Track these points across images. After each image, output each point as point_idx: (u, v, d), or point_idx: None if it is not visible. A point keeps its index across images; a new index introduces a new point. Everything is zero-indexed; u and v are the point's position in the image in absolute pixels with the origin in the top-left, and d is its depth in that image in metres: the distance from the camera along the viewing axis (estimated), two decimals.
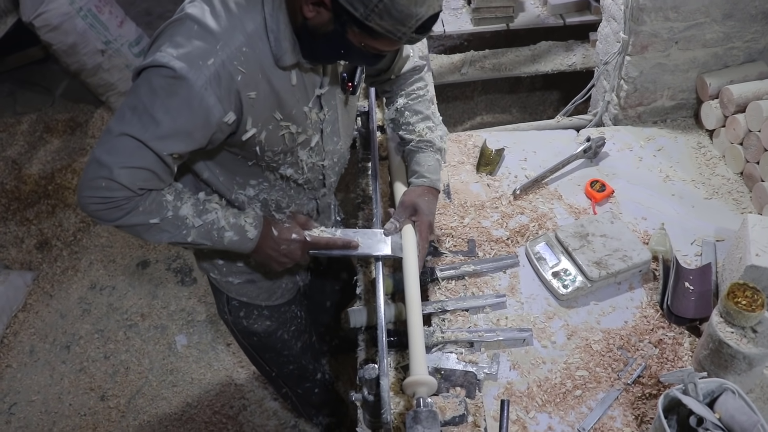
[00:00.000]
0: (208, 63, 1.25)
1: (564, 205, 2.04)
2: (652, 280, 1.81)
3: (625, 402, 1.54)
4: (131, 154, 1.27)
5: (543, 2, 3.24)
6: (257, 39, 1.31)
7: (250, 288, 1.84)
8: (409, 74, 1.79)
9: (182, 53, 1.24)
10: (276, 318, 1.97)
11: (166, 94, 1.24)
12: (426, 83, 1.82)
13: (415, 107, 1.77)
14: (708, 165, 2.19)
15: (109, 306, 3.27)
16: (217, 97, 1.27)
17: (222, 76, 1.26)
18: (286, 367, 2.19)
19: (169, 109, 1.25)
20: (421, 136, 1.75)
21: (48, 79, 4.56)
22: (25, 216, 3.72)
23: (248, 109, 1.34)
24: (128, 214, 1.35)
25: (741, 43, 2.23)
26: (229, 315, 1.92)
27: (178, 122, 1.26)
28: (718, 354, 1.44)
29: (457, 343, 1.63)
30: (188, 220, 1.43)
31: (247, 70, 1.30)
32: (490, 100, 3.87)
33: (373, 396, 1.43)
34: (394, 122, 1.82)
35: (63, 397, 2.92)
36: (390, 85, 1.81)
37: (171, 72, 1.23)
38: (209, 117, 1.28)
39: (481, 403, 1.51)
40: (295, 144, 1.50)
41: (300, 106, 1.45)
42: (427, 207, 1.68)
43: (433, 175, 1.72)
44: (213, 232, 1.47)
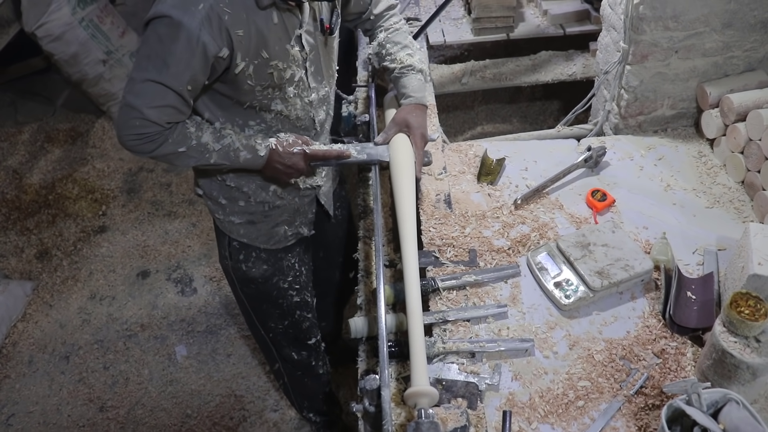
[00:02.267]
0: (199, 7, 1.45)
1: (565, 214, 2.03)
2: (654, 290, 1.80)
3: (627, 413, 1.53)
4: (154, 95, 1.51)
5: (543, 12, 3.25)
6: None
7: (250, 229, 1.95)
8: (385, 12, 2.00)
9: (177, 2, 1.45)
10: (273, 263, 2.05)
11: (170, 40, 1.46)
12: (399, 17, 2.05)
13: (394, 39, 1.99)
14: (709, 174, 2.19)
15: (108, 316, 3.26)
16: (211, 36, 1.47)
17: (212, 17, 1.47)
18: (281, 322, 2.22)
19: (175, 52, 1.47)
20: (403, 63, 1.95)
21: (49, 89, 4.57)
22: (26, 225, 3.72)
23: (238, 46, 1.53)
24: (160, 146, 1.60)
25: (741, 52, 2.23)
26: (229, 259, 2.02)
27: (183, 61, 1.48)
28: (722, 364, 1.43)
29: (459, 354, 1.62)
30: (209, 145, 1.66)
31: (232, 11, 1.49)
32: (490, 110, 3.87)
33: (374, 407, 1.42)
34: (378, 55, 2.02)
35: (62, 408, 2.90)
36: (370, 24, 2.02)
37: (170, 20, 1.45)
38: (207, 53, 1.49)
39: (482, 414, 1.50)
40: (282, 80, 1.66)
41: (282, 43, 1.62)
42: (417, 121, 1.88)
43: (418, 93, 1.93)
44: (230, 152, 1.68)
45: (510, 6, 3.06)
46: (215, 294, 3.32)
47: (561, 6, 3.22)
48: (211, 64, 1.53)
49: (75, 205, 3.83)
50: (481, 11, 3.07)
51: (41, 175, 4.04)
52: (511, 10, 3.09)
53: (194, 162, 1.68)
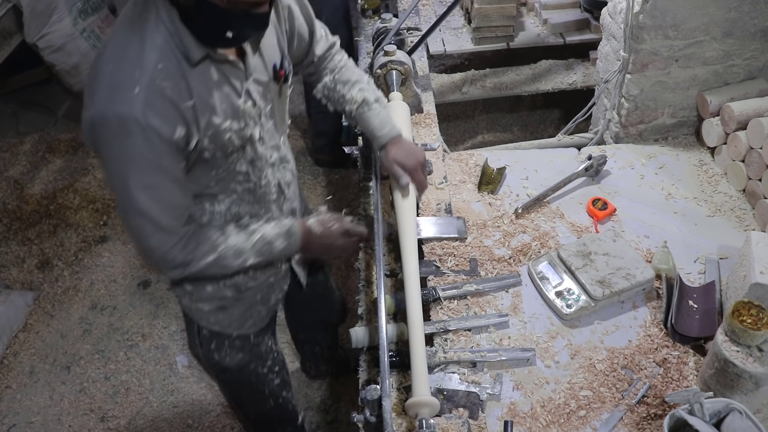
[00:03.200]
0: (135, 92, 1.27)
1: (566, 223, 2.03)
2: (655, 299, 1.80)
3: (629, 422, 1.52)
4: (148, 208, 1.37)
5: (543, 21, 3.26)
6: (168, 50, 1.31)
7: (221, 315, 1.78)
8: (326, 53, 1.83)
9: (111, 96, 1.28)
10: (248, 350, 1.89)
11: (124, 138, 1.29)
12: (342, 54, 1.87)
13: (341, 78, 1.82)
14: (710, 182, 2.18)
15: (109, 326, 3.26)
16: (161, 117, 1.30)
17: (152, 97, 1.28)
18: (263, 406, 2.08)
19: (134, 152, 1.30)
20: (357, 101, 1.79)
21: (51, 100, 4.58)
22: (27, 236, 3.72)
23: (190, 119, 1.36)
24: (192, 263, 1.49)
25: (741, 61, 2.24)
26: (200, 347, 1.86)
27: (147, 157, 1.31)
28: (724, 373, 1.43)
29: (460, 363, 1.61)
30: (240, 246, 1.54)
31: (170, 83, 1.31)
32: (491, 119, 3.88)
33: (375, 417, 1.42)
34: (329, 99, 1.86)
35: (63, 419, 2.89)
36: (314, 68, 1.84)
37: (113, 120, 1.27)
38: (163, 138, 1.31)
39: (484, 424, 1.50)
40: (243, 141, 1.50)
41: (231, 100, 1.44)
42: (405, 157, 1.75)
43: (384, 129, 1.78)
44: (265, 248, 1.59)
45: (510, 15, 3.07)
46: None
47: (561, 15, 3.23)
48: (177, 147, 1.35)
49: (76, 215, 3.83)
50: (481, 21, 3.08)
51: (42, 185, 4.04)
52: (511, 20, 3.10)
53: (230, 268, 1.56)
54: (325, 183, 3.86)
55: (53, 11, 3.71)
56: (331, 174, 3.90)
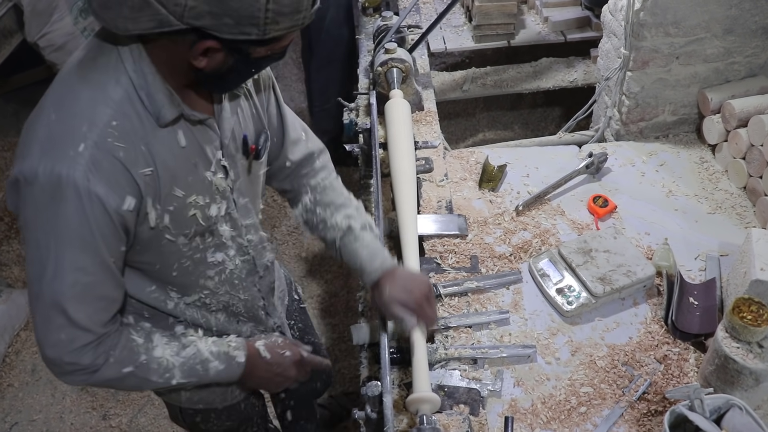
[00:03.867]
0: (79, 150, 1.06)
1: (567, 220, 2.03)
2: (656, 296, 1.80)
3: (630, 419, 1.52)
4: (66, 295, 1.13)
5: (544, 19, 3.26)
6: (128, 105, 1.11)
7: (204, 393, 1.57)
8: (305, 162, 1.57)
9: (48, 151, 1.07)
10: (236, 416, 1.72)
11: (54, 205, 1.07)
12: (329, 168, 1.62)
13: (323, 200, 1.56)
14: (711, 180, 2.19)
15: None
16: (107, 184, 1.09)
17: (100, 158, 1.08)
18: None
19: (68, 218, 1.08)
20: (342, 229, 1.53)
21: None
22: None
23: (146, 189, 1.14)
24: (101, 369, 1.22)
25: (742, 58, 2.24)
26: (185, 422, 1.69)
27: (79, 232, 1.10)
28: (724, 370, 1.43)
29: (461, 360, 1.62)
30: (165, 360, 1.30)
31: (126, 144, 1.10)
32: (492, 117, 3.88)
33: (376, 414, 1.42)
34: (308, 224, 1.60)
35: (64, 417, 2.89)
36: (290, 181, 1.58)
37: (44, 179, 1.06)
38: (108, 207, 1.10)
39: (485, 421, 1.50)
40: (209, 221, 1.29)
41: (199, 172, 1.23)
42: (406, 293, 1.44)
43: (375, 262, 1.49)
44: (197, 366, 1.35)
45: (511, 13, 3.07)
46: None
47: (562, 13, 3.23)
48: (121, 222, 1.13)
49: None
50: (482, 18, 3.08)
51: None
52: (511, 17, 3.10)
53: (149, 385, 1.30)
54: None
55: (54, 10, 3.70)
56: None
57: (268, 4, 1.02)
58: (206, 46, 1.06)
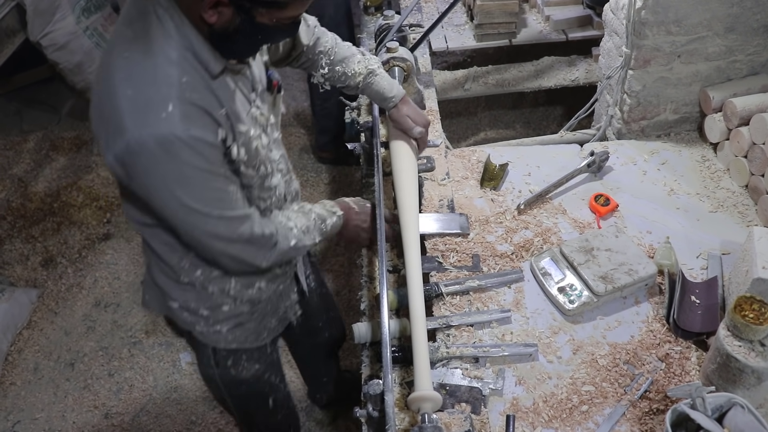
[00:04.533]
0: (169, 109, 1.21)
1: (568, 219, 2.03)
2: (657, 294, 1.80)
3: (632, 417, 1.53)
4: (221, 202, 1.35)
5: (545, 18, 3.26)
6: (185, 63, 1.26)
7: (239, 332, 1.75)
8: (313, 38, 1.79)
9: (143, 120, 1.20)
10: (264, 359, 1.90)
11: (170, 166, 1.24)
12: (325, 32, 1.83)
13: (337, 58, 1.82)
14: (712, 178, 2.18)
15: (113, 323, 3.27)
16: (201, 127, 1.25)
17: (187, 110, 1.23)
18: (275, 416, 2.09)
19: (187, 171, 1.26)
20: (363, 74, 1.82)
21: (54, 98, 4.59)
22: (31, 233, 3.73)
23: (226, 126, 1.33)
24: (279, 254, 1.53)
25: (743, 57, 2.23)
26: (216, 368, 1.83)
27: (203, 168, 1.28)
28: (726, 368, 1.43)
29: (462, 359, 1.62)
30: (307, 225, 1.60)
31: (199, 94, 1.27)
32: (493, 116, 3.88)
33: (377, 412, 1.42)
34: (331, 81, 1.86)
35: (67, 415, 2.90)
36: (305, 56, 1.82)
37: (152, 144, 1.20)
38: (209, 144, 1.28)
39: (486, 419, 1.50)
40: (267, 150, 1.51)
41: (247, 108, 1.44)
42: (416, 114, 1.89)
43: (394, 90, 1.85)
44: (322, 225, 1.65)
45: (512, 12, 3.07)
46: None
47: (563, 11, 3.23)
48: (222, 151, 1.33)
49: (80, 213, 3.84)
50: (484, 17, 3.08)
51: (46, 183, 4.05)
52: (513, 16, 3.09)
53: (305, 247, 1.61)
54: (328, 180, 3.86)
55: (56, 9, 3.71)
56: (333, 171, 3.91)
57: None
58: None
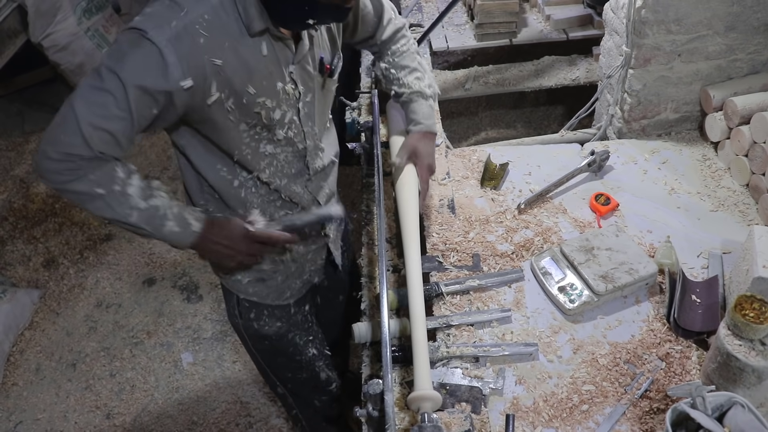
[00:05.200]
0: (171, 25, 1.31)
1: (569, 218, 2.03)
2: (658, 293, 1.80)
3: (632, 417, 1.52)
4: (102, 101, 1.31)
5: (546, 17, 3.26)
6: (222, 10, 1.36)
7: (260, 287, 1.83)
8: (392, 36, 1.87)
9: (147, 18, 1.33)
10: (286, 319, 1.95)
11: (131, 46, 1.31)
12: (408, 38, 1.91)
13: (401, 63, 1.87)
14: (713, 177, 2.18)
15: (115, 324, 3.27)
16: (177, 56, 1.31)
17: (183, 37, 1.32)
18: (299, 374, 2.13)
19: (133, 56, 1.31)
20: (411, 88, 1.85)
21: (56, 99, 4.60)
22: (33, 234, 3.74)
23: (213, 74, 1.37)
24: (78, 179, 1.36)
25: (744, 55, 2.23)
26: (240, 318, 1.91)
27: (140, 67, 1.31)
28: (727, 367, 1.42)
29: (463, 358, 1.62)
30: (133, 199, 1.42)
31: (209, 35, 1.35)
32: (494, 116, 3.88)
33: (377, 412, 1.42)
34: (385, 78, 1.92)
35: (68, 416, 2.91)
36: (377, 48, 1.90)
37: (137, 32, 1.31)
38: (169, 74, 1.32)
39: (486, 419, 1.50)
40: (272, 121, 1.53)
41: (273, 79, 1.48)
42: (426, 150, 1.82)
43: (428, 120, 1.85)
44: (155, 218, 1.46)
45: (513, 11, 3.07)
46: (221, 301, 3.32)
47: (564, 11, 3.23)
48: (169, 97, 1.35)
49: (81, 214, 3.84)
50: (484, 17, 3.08)
51: None
52: (513, 16, 3.10)
53: (109, 212, 1.41)
54: None
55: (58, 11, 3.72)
56: None
57: None
58: None
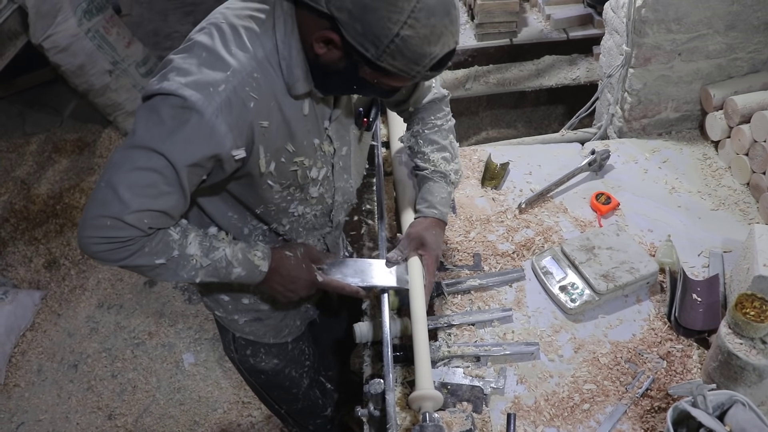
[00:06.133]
0: (219, 90, 1.19)
1: (569, 218, 2.03)
2: (659, 292, 1.80)
3: (633, 416, 1.52)
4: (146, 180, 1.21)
5: (546, 17, 3.26)
6: (268, 66, 1.26)
7: (257, 326, 1.79)
8: (428, 105, 1.71)
9: (191, 81, 1.18)
10: (284, 356, 1.91)
11: (176, 121, 1.18)
12: (446, 113, 1.75)
13: (431, 137, 1.70)
14: (714, 176, 2.18)
15: (116, 324, 3.28)
16: (228, 126, 1.21)
17: (234, 103, 1.21)
18: (294, 404, 2.13)
19: (180, 133, 1.19)
20: (436, 167, 1.69)
21: (56, 100, 4.61)
22: (34, 235, 3.74)
23: (260, 138, 1.29)
24: (132, 255, 1.29)
25: (744, 54, 2.23)
26: (236, 353, 1.87)
27: (191, 153, 1.20)
28: (728, 366, 1.43)
29: (464, 358, 1.62)
30: (194, 259, 1.38)
31: (259, 97, 1.25)
32: (495, 116, 3.88)
33: (379, 411, 1.43)
34: (411, 149, 1.75)
35: (70, 417, 2.91)
36: (409, 114, 1.76)
37: (180, 101, 1.17)
38: (220, 145, 1.22)
39: (488, 418, 1.50)
40: (306, 180, 1.45)
41: (311, 137, 1.40)
42: (435, 241, 1.62)
43: (443, 208, 1.66)
44: (221, 270, 1.43)
45: (513, 11, 3.08)
46: None
47: (564, 10, 3.24)
48: (219, 163, 1.27)
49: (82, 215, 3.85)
50: (484, 17, 3.09)
51: (49, 185, 4.06)
52: (514, 16, 3.10)
53: (174, 277, 1.39)
54: None
55: (58, 12, 3.72)
56: None
57: (396, 38, 1.14)
58: (330, 36, 1.19)
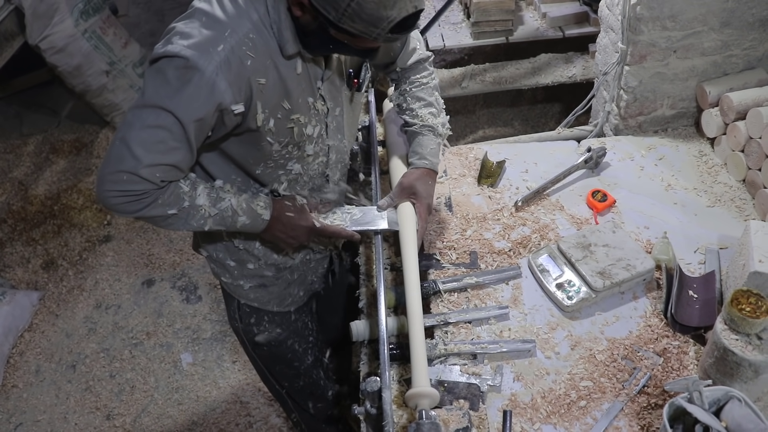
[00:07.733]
0: (218, 50, 1.31)
1: (566, 215, 2.03)
2: (655, 289, 1.80)
3: (630, 412, 1.53)
4: (157, 137, 1.32)
5: (542, 15, 3.26)
6: (263, 27, 1.37)
7: (261, 293, 1.85)
8: (414, 65, 1.82)
9: (193, 43, 1.30)
10: (286, 326, 1.96)
11: (180, 81, 1.30)
12: (431, 72, 1.86)
13: (417, 94, 1.81)
14: (710, 173, 2.18)
15: (114, 325, 3.28)
16: (228, 82, 1.32)
17: (232, 61, 1.32)
18: (296, 382, 2.15)
19: (184, 92, 1.30)
20: (424, 121, 1.79)
21: (53, 101, 4.61)
22: (31, 236, 3.74)
23: (258, 95, 1.39)
24: (147, 207, 1.41)
25: (739, 51, 2.23)
26: (240, 322, 1.92)
27: (194, 101, 1.31)
28: (724, 362, 1.43)
29: (460, 356, 1.62)
30: (203, 209, 1.50)
31: (256, 55, 1.36)
32: (491, 114, 3.88)
33: (375, 409, 1.43)
34: (399, 106, 1.86)
35: (69, 417, 2.91)
36: (396, 75, 1.86)
37: (183, 61, 1.29)
38: (219, 102, 1.33)
39: (484, 416, 1.50)
40: (302, 137, 1.54)
41: (305, 96, 1.50)
42: (426, 189, 1.73)
43: (434, 158, 1.77)
44: (228, 219, 1.54)
45: (509, 9, 3.08)
46: (220, 301, 3.33)
47: (560, 8, 3.24)
48: (220, 117, 1.38)
49: (80, 215, 3.85)
50: (480, 15, 3.09)
51: (46, 186, 4.06)
52: (509, 14, 3.10)
53: (185, 226, 1.51)
54: None
55: (55, 13, 3.72)
56: None
57: (352, 2, 1.23)
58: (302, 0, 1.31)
